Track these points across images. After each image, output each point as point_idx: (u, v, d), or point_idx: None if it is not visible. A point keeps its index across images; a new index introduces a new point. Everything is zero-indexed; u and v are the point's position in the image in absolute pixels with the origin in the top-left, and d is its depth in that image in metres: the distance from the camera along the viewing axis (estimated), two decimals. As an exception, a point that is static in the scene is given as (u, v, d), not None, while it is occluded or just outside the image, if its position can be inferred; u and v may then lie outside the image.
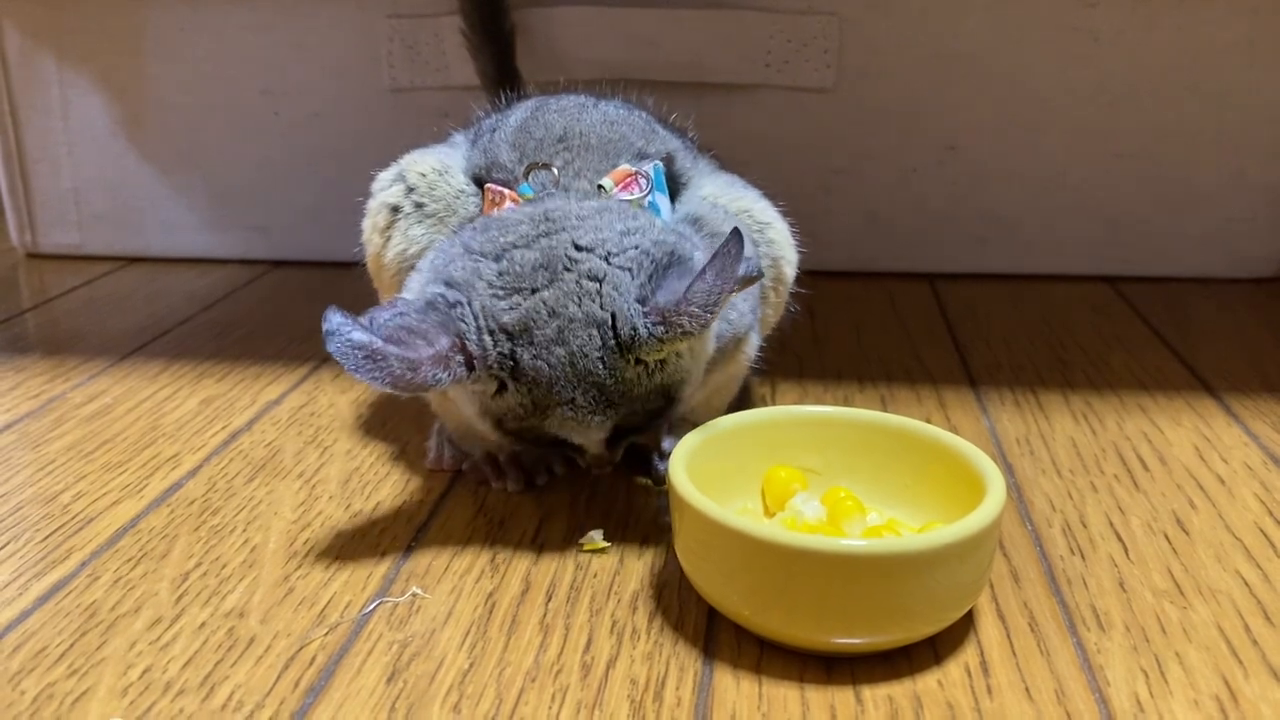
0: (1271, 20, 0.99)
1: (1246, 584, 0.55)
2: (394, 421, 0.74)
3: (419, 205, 0.63)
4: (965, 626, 0.51)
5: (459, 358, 0.52)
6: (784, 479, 0.57)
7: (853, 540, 0.49)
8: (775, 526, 0.54)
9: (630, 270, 0.54)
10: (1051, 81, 1.02)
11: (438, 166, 0.64)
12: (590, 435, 0.55)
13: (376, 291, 0.69)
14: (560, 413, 0.54)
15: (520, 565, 0.57)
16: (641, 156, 0.62)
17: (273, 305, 1.02)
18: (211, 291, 1.06)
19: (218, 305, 1.02)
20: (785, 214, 0.67)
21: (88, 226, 1.17)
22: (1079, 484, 0.65)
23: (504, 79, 0.94)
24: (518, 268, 0.54)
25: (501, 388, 0.54)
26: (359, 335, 0.50)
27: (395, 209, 0.63)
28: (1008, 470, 0.67)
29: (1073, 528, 0.60)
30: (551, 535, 0.59)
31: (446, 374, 0.51)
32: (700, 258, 0.56)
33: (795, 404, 0.76)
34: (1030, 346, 0.89)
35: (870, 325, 0.94)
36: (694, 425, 0.57)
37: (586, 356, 0.53)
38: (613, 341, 0.53)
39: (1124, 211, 1.05)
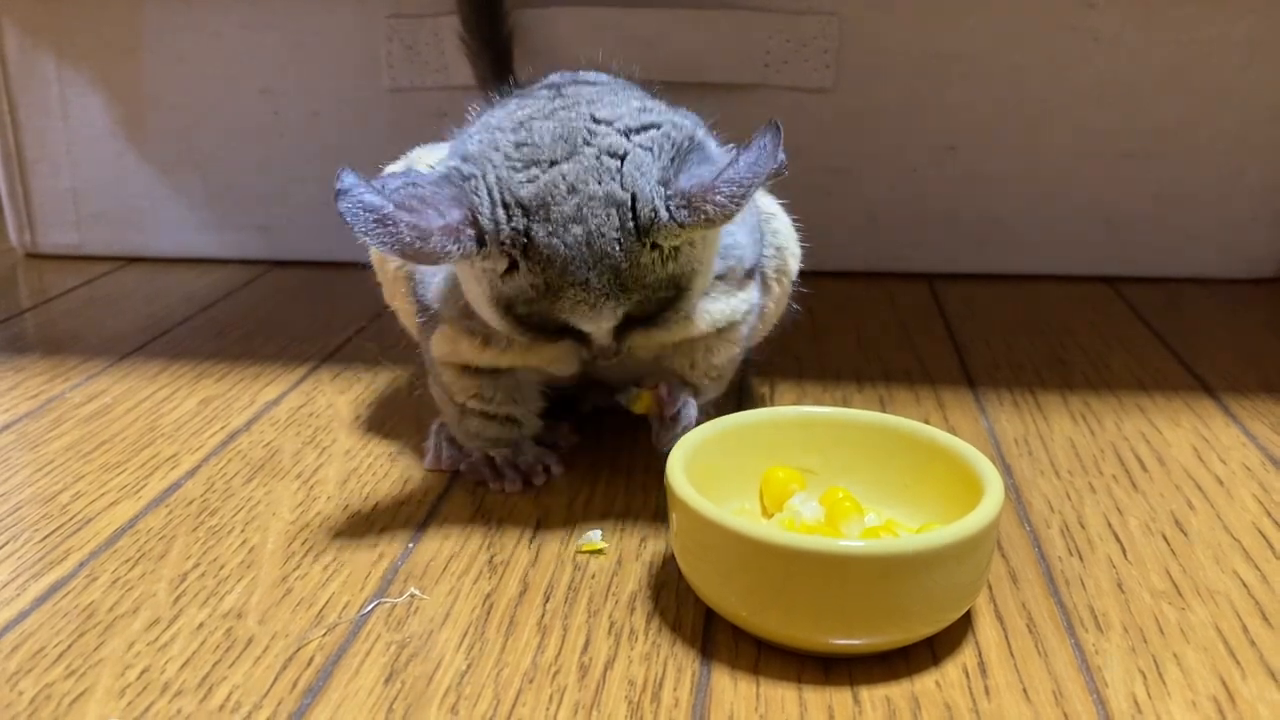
0: (1271, 20, 0.99)
1: (1244, 585, 0.55)
2: (392, 422, 0.74)
3: None
4: (963, 627, 0.51)
5: (470, 230, 0.51)
6: (782, 479, 0.57)
7: (850, 541, 0.49)
8: (773, 527, 0.54)
9: (651, 150, 0.53)
10: (1051, 82, 1.02)
11: (445, 157, 0.64)
12: (600, 322, 0.54)
13: (379, 286, 0.69)
14: (572, 294, 0.53)
15: (518, 566, 0.57)
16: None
17: (272, 305, 1.02)
18: (210, 291, 1.06)
19: (217, 305, 1.02)
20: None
21: (87, 226, 1.17)
22: (1077, 485, 0.65)
23: (502, 85, 0.94)
24: (536, 138, 0.53)
25: (512, 266, 0.53)
26: (371, 198, 0.49)
27: None
28: (1006, 471, 0.67)
29: (1071, 528, 0.60)
30: (549, 536, 0.59)
31: (456, 246, 0.50)
32: (714, 147, 0.55)
33: (794, 404, 0.76)
34: (1029, 346, 0.89)
35: (869, 325, 0.94)
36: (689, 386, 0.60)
37: (604, 237, 0.52)
38: (631, 223, 0.52)
39: (1123, 211, 1.05)
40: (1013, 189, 1.05)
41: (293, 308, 1.01)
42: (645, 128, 0.54)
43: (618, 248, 0.52)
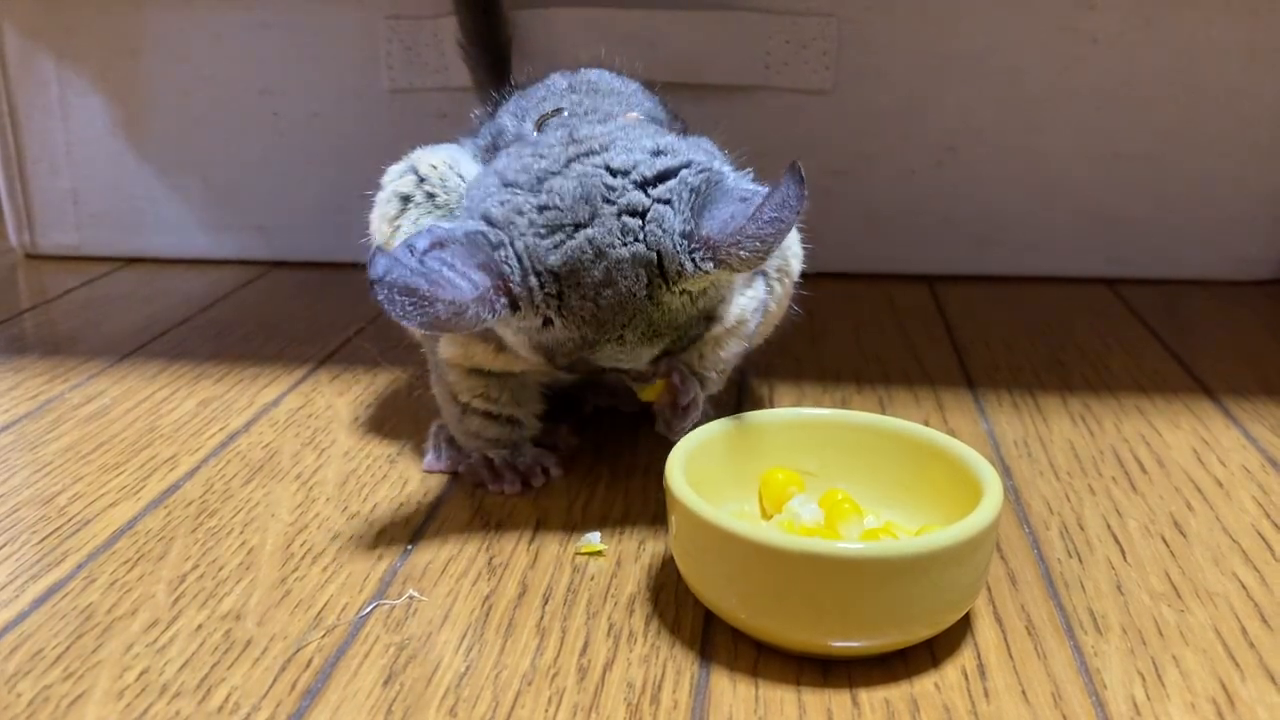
0: (1270, 22, 0.99)
1: (1244, 587, 0.55)
2: (392, 423, 0.74)
3: (430, 195, 0.63)
4: (962, 629, 0.51)
5: (503, 299, 0.52)
6: (781, 481, 0.57)
7: (849, 543, 0.49)
8: (771, 529, 0.54)
9: (671, 203, 0.53)
10: (1050, 83, 1.02)
11: (448, 160, 0.64)
12: (636, 362, 0.56)
13: None
14: (610, 349, 0.54)
15: (517, 568, 0.57)
16: (651, 119, 0.62)
17: (271, 306, 1.02)
18: (210, 292, 1.06)
19: (216, 306, 1.02)
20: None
21: (86, 227, 1.16)
22: (1077, 486, 0.65)
23: (502, 87, 0.94)
24: (557, 200, 0.53)
25: (548, 322, 0.54)
26: (406, 279, 0.49)
27: (406, 198, 0.63)
28: (1005, 472, 0.67)
29: (1070, 530, 0.60)
30: (548, 538, 0.59)
31: (491, 314, 0.51)
32: (730, 174, 0.55)
33: (793, 405, 0.76)
34: (1029, 348, 0.89)
35: (869, 326, 0.94)
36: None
37: (635, 297, 0.52)
38: (660, 279, 0.52)
39: (1123, 213, 1.05)
40: (1012, 191, 1.05)
41: (292, 308, 1.01)
42: (662, 177, 0.53)
43: (650, 303, 0.53)
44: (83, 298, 1.05)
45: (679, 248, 0.52)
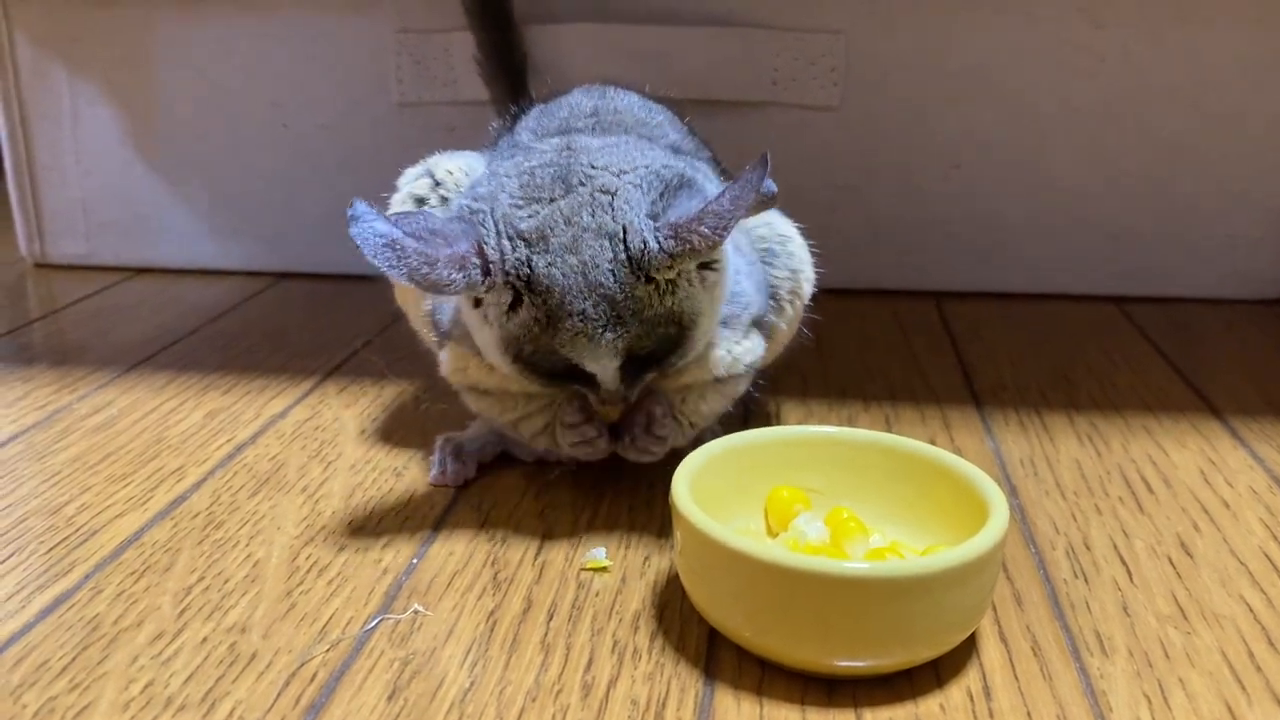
0: (1277, 41, 0.99)
1: (1250, 609, 0.54)
2: (398, 436, 0.74)
3: (445, 200, 0.64)
4: (968, 650, 0.51)
5: (476, 261, 0.53)
6: (787, 499, 0.57)
7: (855, 563, 0.49)
8: (777, 548, 0.54)
9: (640, 187, 0.55)
10: (1057, 101, 1.02)
11: (465, 167, 0.66)
12: (601, 358, 0.55)
13: (392, 287, 0.69)
14: (570, 325, 0.54)
15: (522, 583, 0.57)
16: (676, 150, 0.63)
17: (279, 317, 1.02)
18: (218, 302, 1.06)
19: (224, 317, 1.02)
20: (791, 231, 0.68)
21: (95, 236, 1.17)
22: (1083, 506, 0.65)
23: (519, 104, 0.94)
24: (538, 180, 0.56)
25: (516, 301, 0.55)
26: (382, 225, 0.52)
27: (421, 200, 0.65)
28: (1011, 492, 0.67)
29: (1076, 551, 0.60)
30: (554, 553, 0.59)
31: (462, 275, 0.53)
32: (713, 187, 0.58)
33: (800, 423, 0.76)
34: (1035, 366, 0.89)
35: (875, 343, 0.94)
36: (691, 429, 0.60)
37: (598, 267, 0.54)
38: (624, 254, 0.54)
39: (1129, 231, 1.05)
40: (1019, 207, 1.05)
41: (300, 320, 1.01)
42: (636, 168, 0.56)
43: (611, 278, 0.54)
44: (91, 307, 1.05)
45: (643, 225, 0.54)
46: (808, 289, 0.67)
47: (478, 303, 0.57)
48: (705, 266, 0.56)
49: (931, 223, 1.06)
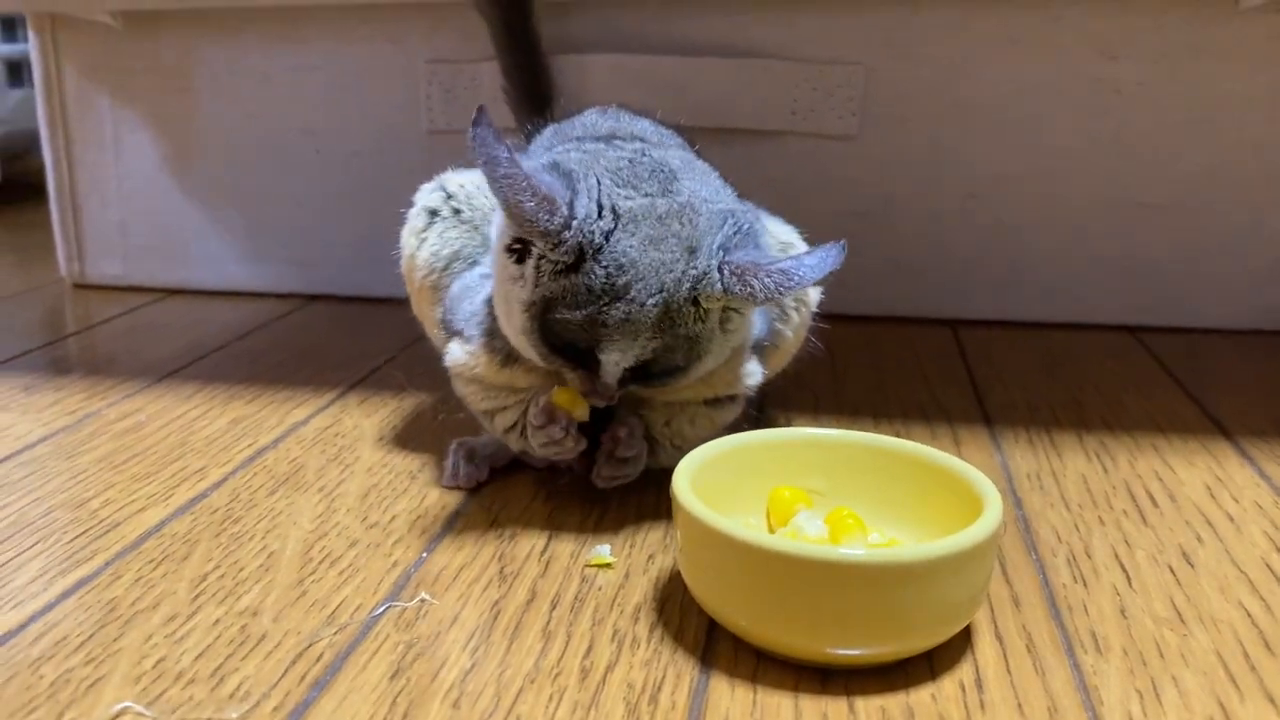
0: (1293, 75, 1.00)
1: (1249, 614, 0.55)
2: (415, 443, 0.76)
3: (456, 211, 0.66)
4: (962, 645, 0.51)
5: (564, 211, 0.55)
6: (788, 499, 0.58)
7: (848, 549, 0.50)
8: (771, 535, 0.54)
9: (721, 218, 0.57)
10: (1072, 132, 1.03)
11: (476, 181, 0.68)
12: (623, 353, 0.57)
13: (408, 295, 0.72)
14: (620, 310, 0.55)
15: (528, 576, 0.58)
16: None
17: (307, 336, 1.04)
18: (248, 322, 1.09)
19: (252, 335, 1.05)
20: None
21: (132, 258, 1.21)
22: (1087, 518, 0.66)
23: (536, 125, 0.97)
24: (638, 171, 0.58)
25: (577, 264, 0.55)
26: (500, 146, 0.53)
27: (434, 213, 0.67)
28: (1016, 503, 0.68)
29: (1077, 558, 0.61)
30: (560, 549, 0.61)
31: (547, 217, 0.54)
32: (765, 238, 0.61)
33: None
34: (1048, 389, 0.89)
35: (889, 367, 0.95)
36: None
37: (671, 272, 0.55)
38: (692, 270, 0.56)
39: (1145, 261, 1.06)
40: (1034, 237, 1.06)
41: (326, 338, 1.03)
42: (717, 199, 0.59)
43: (675, 286, 0.56)
44: (125, 324, 1.08)
45: (714, 254, 0.56)
46: (815, 295, 0.68)
47: (521, 258, 0.57)
48: (732, 308, 0.58)
49: (948, 251, 1.08)
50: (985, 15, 1.02)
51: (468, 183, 0.67)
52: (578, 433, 0.63)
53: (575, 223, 0.55)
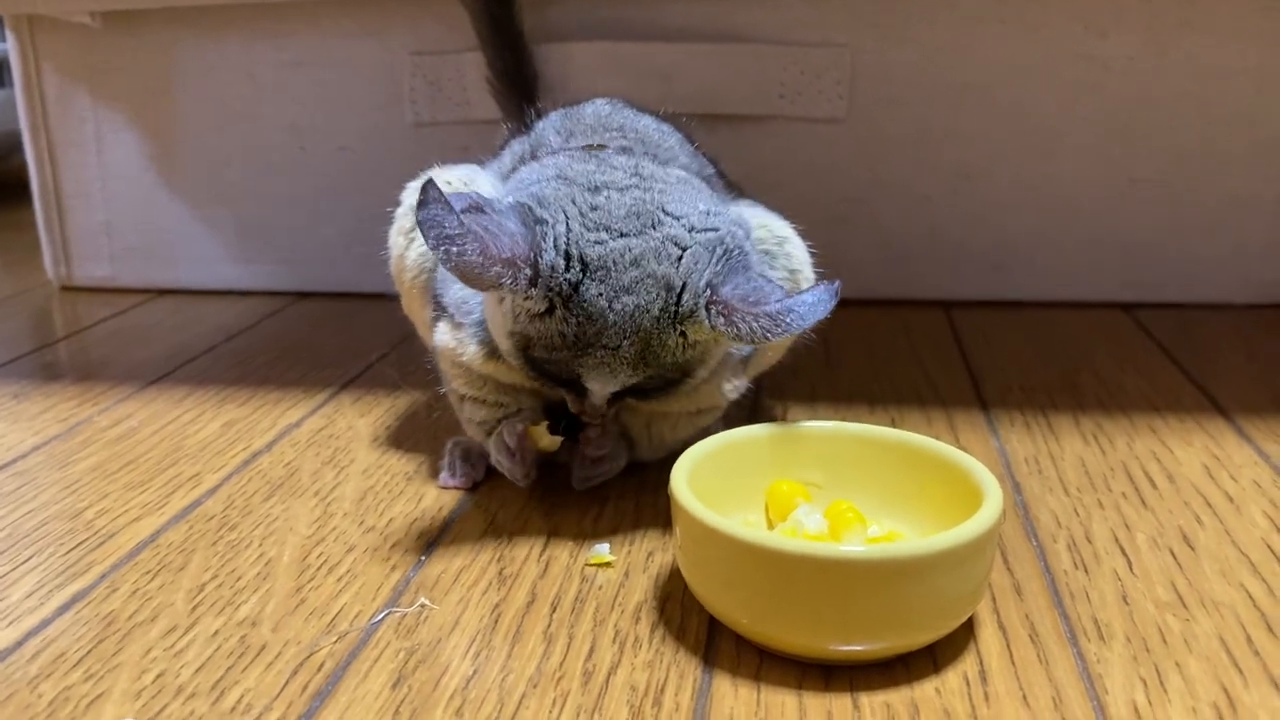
0: (1282, 47, 0.99)
1: (1250, 597, 0.55)
2: (410, 443, 0.76)
3: None
4: (965, 637, 0.51)
5: (528, 270, 0.54)
6: (786, 493, 0.58)
7: (847, 546, 0.50)
8: (771, 533, 0.54)
9: (710, 250, 0.56)
10: (1064, 110, 1.03)
11: (464, 177, 0.67)
12: (609, 385, 0.57)
13: (398, 294, 0.71)
14: (599, 355, 0.55)
15: (527, 578, 0.58)
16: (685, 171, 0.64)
17: (297, 334, 1.04)
18: (237, 321, 1.08)
19: (243, 334, 1.04)
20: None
21: (119, 259, 1.20)
22: (1086, 501, 0.65)
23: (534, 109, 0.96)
24: (612, 208, 0.56)
25: (550, 310, 0.55)
26: (449, 216, 0.51)
27: None
28: (1015, 489, 0.67)
29: (1078, 543, 0.60)
30: (559, 550, 0.60)
31: (511, 280, 0.53)
32: (755, 258, 0.59)
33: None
34: (1043, 371, 0.89)
35: (883, 351, 0.95)
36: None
37: (648, 313, 0.55)
38: (674, 307, 0.55)
39: (1138, 238, 1.06)
40: (1026, 216, 1.06)
41: (316, 336, 1.03)
42: (707, 230, 0.57)
43: (655, 325, 0.55)
44: (114, 327, 1.08)
45: (700, 291, 0.55)
46: (809, 280, 0.68)
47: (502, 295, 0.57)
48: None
49: (940, 233, 1.07)
50: (972, -6, 1.01)
51: (455, 179, 0.66)
52: (535, 468, 0.65)
53: (541, 277, 0.54)
